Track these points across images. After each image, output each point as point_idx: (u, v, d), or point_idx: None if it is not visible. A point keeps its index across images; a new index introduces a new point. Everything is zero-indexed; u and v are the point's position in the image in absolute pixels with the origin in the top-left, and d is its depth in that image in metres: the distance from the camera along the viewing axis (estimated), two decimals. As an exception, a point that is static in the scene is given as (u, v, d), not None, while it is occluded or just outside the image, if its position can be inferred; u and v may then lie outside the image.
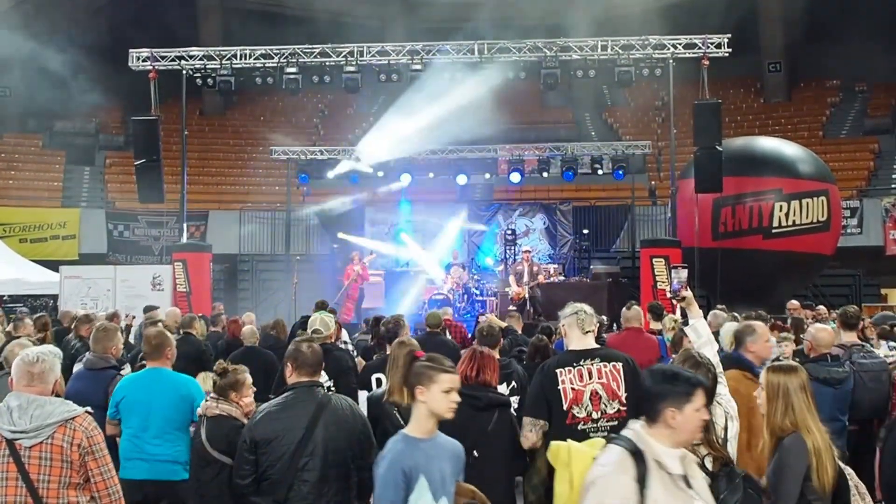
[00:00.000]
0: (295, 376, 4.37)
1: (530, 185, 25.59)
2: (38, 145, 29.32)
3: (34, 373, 3.84)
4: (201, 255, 17.00)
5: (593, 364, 4.57)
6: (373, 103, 31.62)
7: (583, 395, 4.49)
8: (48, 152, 29.08)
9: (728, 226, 17.63)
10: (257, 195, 27.00)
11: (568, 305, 4.85)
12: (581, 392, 4.50)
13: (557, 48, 16.78)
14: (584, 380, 4.53)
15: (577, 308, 4.76)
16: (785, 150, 18.56)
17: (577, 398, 4.49)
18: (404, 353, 5.21)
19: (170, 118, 20.85)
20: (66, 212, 25.68)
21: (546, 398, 4.53)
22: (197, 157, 28.18)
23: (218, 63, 17.10)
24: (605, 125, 31.77)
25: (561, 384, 4.52)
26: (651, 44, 16.49)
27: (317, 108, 32.44)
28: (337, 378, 6.35)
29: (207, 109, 32.39)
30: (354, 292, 19.13)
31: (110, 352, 6.12)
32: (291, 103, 29.57)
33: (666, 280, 15.54)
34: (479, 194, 25.88)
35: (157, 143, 16.82)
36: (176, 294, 16.04)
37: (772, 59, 31.49)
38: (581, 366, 4.56)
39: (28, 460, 3.71)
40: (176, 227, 21.09)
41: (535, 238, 23.40)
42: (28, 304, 18.30)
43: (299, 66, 17.11)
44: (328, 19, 29.17)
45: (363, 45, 17.21)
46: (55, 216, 25.28)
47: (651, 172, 27.00)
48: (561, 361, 4.68)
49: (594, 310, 4.94)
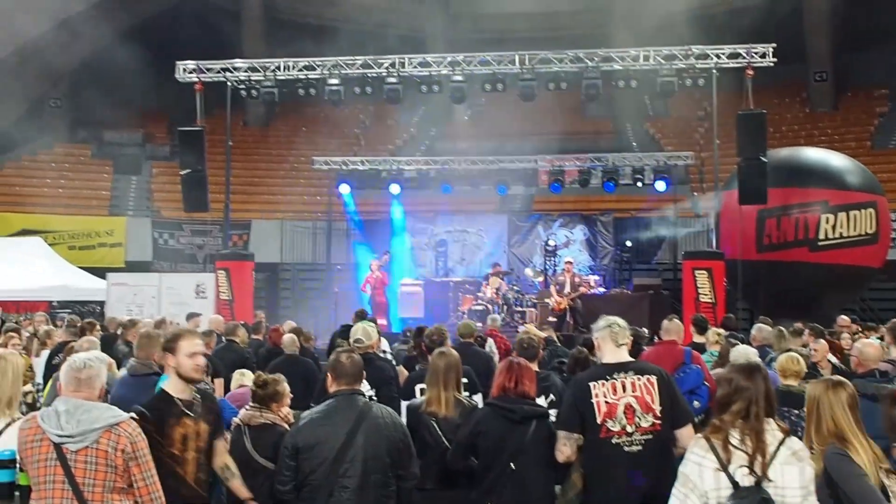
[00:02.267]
0: (335, 385, 4.44)
1: (570, 196, 25.49)
2: (87, 155, 29.88)
3: (81, 378, 3.92)
4: (244, 263, 17.19)
5: (627, 377, 4.52)
6: (414, 114, 31.77)
7: (616, 409, 4.45)
8: (96, 162, 29.61)
9: (773, 238, 17.41)
10: (299, 205, 27.24)
11: (601, 319, 4.81)
12: (615, 405, 4.46)
13: (599, 59, 16.70)
14: (617, 393, 4.49)
15: (611, 321, 4.72)
16: (832, 161, 18.29)
17: (610, 411, 4.45)
18: (443, 363, 5.24)
19: (214, 129, 21.13)
20: (113, 220, 26.16)
21: (579, 411, 4.51)
22: (240, 167, 28.49)
23: (262, 75, 17.31)
24: (647, 135, 31.54)
25: (594, 397, 4.48)
26: (694, 54, 16.35)
27: (358, 119, 32.64)
28: (379, 387, 6.37)
29: (251, 120, 32.78)
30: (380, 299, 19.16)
31: (153, 358, 6.21)
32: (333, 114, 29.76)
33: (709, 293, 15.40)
34: (519, 205, 25.85)
35: (202, 153, 17.05)
36: (219, 302, 16.23)
37: (818, 67, 31.05)
38: (614, 379, 4.52)
39: (74, 464, 3.77)
40: (219, 235, 21.39)
41: (575, 249, 23.27)
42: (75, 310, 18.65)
43: (341, 78, 17.22)
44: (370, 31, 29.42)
45: (405, 56, 17.29)
46: (103, 224, 25.76)
47: (694, 183, 26.75)
48: (594, 374, 4.65)
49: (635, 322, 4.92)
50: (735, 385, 3.61)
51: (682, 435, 4.48)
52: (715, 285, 15.45)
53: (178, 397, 4.38)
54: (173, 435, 4.28)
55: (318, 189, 26.58)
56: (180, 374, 4.43)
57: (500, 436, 4.69)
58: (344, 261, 23.29)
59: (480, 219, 24.49)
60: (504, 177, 21.99)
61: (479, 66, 17.09)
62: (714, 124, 17.98)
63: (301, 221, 25.66)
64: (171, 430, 4.28)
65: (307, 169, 25.56)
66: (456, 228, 24.13)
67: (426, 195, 23.10)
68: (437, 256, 23.19)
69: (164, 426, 4.26)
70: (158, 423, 4.22)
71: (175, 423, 4.31)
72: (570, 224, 23.95)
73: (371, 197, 24.21)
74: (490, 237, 24.22)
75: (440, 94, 17.72)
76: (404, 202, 23.27)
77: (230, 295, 16.35)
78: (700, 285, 15.57)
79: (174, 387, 4.43)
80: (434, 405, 5.13)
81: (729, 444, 3.45)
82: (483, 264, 23.09)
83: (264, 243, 24.39)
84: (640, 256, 23.68)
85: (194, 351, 4.47)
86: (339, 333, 9.90)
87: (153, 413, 4.25)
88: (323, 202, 24.49)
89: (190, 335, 4.64)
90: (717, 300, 15.38)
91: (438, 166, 21.85)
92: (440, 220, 24.24)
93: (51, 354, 9.13)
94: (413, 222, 24.19)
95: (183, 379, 4.44)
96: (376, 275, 19.20)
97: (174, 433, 4.29)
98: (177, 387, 4.43)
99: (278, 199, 27.81)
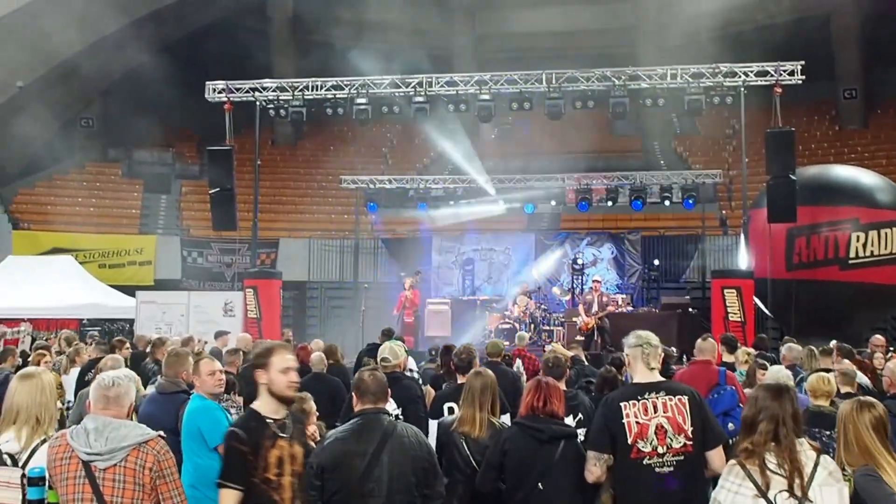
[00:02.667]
0: (360, 404, 4.42)
1: (598, 214, 25.42)
2: (118, 174, 30.20)
3: (110, 396, 3.94)
4: (272, 281, 17.26)
5: (658, 397, 4.46)
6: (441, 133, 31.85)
7: (648, 430, 4.40)
8: (127, 181, 29.92)
9: (802, 256, 17.22)
10: (326, 223, 27.38)
11: (632, 334, 4.73)
12: (646, 426, 4.41)
13: (626, 77, 16.68)
14: (648, 413, 4.43)
15: (643, 340, 4.63)
16: (862, 179, 18.08)
17: (641, 432, 4.40)
18: (479, 384, 5.22)
19: (243, 148, 21.33)
20: (142, 238, 26.42)
21: (610, 432, 4.45)
22: (268, 185, 28.73)
23: (290, 94, 17.43)
24: (675, 154, 31.40)
25: (625, 418, 4.43)
26: (722, 72, 16.27)
27: (385, 138, 32.81)
28: (405, 406, 6.34)
29: (279, 139, 33.04)
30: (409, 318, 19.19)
31: (181, 376, 6.24)
32: (361, 133, 29.96)
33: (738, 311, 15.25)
34: (546, 223, 25.79)
35: (231, 172, 17.19)
36: (247, 320, 16.30)
37: (847, 84, 30.76)
38: (645, 399, 4.46)
39: (102, 482, 3.78)
40: (247, 254, 21.52)
41: (602, 268, 23.17)
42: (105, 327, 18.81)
43: (369, 97, 17.33)
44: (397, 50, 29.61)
45: (432, 75, 17.37)
46: (133, 243, 26.01)
47: (722, 202, 26.57)
48: (625, 395, 4.59)
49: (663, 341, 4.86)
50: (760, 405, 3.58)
51: (714, 456, 4.42)
52: (744, 304, 15.31)
53: (270, 418, 4.07)
54: (269, 458, 3.97)
55: (345, 207, 26.70)
56: (273, 391, 4.10)
57: (527, 455, 4.65)
58: (371, 279, 23.35)
59: (507, 237, 24.46)
60: (531, 195, 21.97)
61: (506, 85, 17.12)
62: (742, 142, 17.89)
63: (328, 240, 25.77)
64: (266, 453, 3.96)
65: (335, 187, 25.70)
66: (483, 247, 24.11)
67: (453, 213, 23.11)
68: (464, 275, 23.19)
69: (260, 449, 3.95)
70: (253, 446, 3.93)
71: (270, 446, 3.99)
72: (597, 242, 23.86)
73: (398, 215, 24.28)
74: (517, 256, 24.17)
75: (467, 113, 17.76)
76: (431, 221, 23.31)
77: (258, 313, 16.42)
78: (729, 304, 15.42)
79: (266, 406, 4.10)
80: (467, 425, 5.11)
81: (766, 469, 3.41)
82: (510, 283, 23.07)
83: (292, 262, 24.49)
84: (669, 275, 23.56)
85: (287, 366, 4.15)
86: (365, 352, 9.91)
87: (247, 434, 3.96)
88: (350, 220, 24.59)
89: (282, 350, 4.24)
90: (746, 319, 15.23)
91: (465, 185, 21.87)
92: (467, 238, 24.24)
93: (82, 372, 9.20)
94: (440, 241, 24.22)
95: (276, 397, 4.11)
96: (408, 294, 19.25)
97: (269, 456, 3.97)
98: (269, 406, 4.10)
99: (306, 218, 27.96)
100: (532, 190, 21.95)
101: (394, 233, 24.23)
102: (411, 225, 24.03)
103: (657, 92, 16.71)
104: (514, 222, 24.89)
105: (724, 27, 26.97)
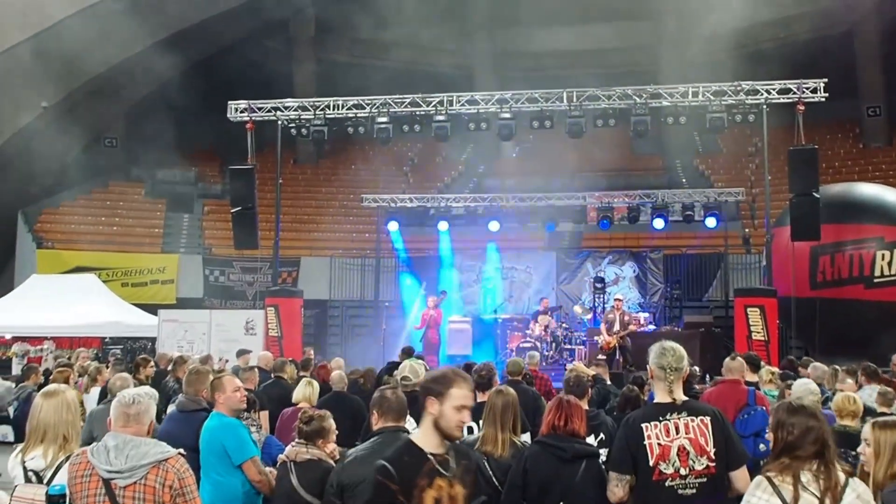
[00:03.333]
0: (381, 422, 4.41)
1: (620, 233, 25.34)
2: (141, 193, 30.47)
3: (130, 414, 3.95)
4: (293, 300, 17.30)
5: (680, 418, 4.40)
6: (462, 151, 31.93)
7: (670, 451, 4.34)
8: (150, 200, 30.17)
9: (827, 275, 17.06)
10: (348, 242, 27.46)
11: (658, 348, 4.57)
12: (668, 447, 4.35)
13: (647, 95, 16.64)
14: (670, 435, 4.37)
15: (666, 363, 4.48)
16: (886, 197, 17.92)
17: (663, 454, 4.34)
18: (501, 402, 5.19)
19: (265, 167, 21.44)
20: (165, 257, 26.60)
21: (631, 453, 4.40)
22: (290, 204, 28.87)
23: (312, 114, 17.53)
24: (697, 172, 31.28)
25: (647, 439, 4.37)
26: (744, 89, 16.21)
27: (406, 157, 32.92)
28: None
29: (301, 158, 33.22)
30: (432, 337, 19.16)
31: (202, 394, 6.26)
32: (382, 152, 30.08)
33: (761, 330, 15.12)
34: (567, 242, 25.74)
35: (253, 191, 17.29)
36: (268, 338, 16.34)
37: (871, 102, 30.53)
38: (667, 420, 4.41)
39: (122, 499, 3.80)
40: (269, 272, 21.61)
41: (624, 286, 23.08)
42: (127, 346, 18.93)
43: (390, 116, 17.39)
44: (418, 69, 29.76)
45: (452, 94, 17.42)
46: (155, 261, 26.20)
47: (745, 220, 26.42)
48: (647, 415, 4.53)
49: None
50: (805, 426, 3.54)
51: (737, 477, 4.36)
52: (768, 323, 15.17)
53: (430, 452, 3.57)
54: (423, 499, 3.48)
55: (366, 226, 26.78)
56: (441, 426, 3.58)
57: (549, 475, 4.62)
58: (392, 298, 23.37)
59: (528, 256, 24.42)
60: (552, 214, 21.94)
61: (526, 104, 17.14)
62: (765, 160, 17.79)
63: (350, 258, 25.84)
64: (420, 494, 3.47)
65: (356, 206, 25.78)
66: (504, 265, 24.09)
67: (474, 232, 23.12)
68: (485, 293, 23.16)
69: (413, 488, 3.47)
70: (405, 484, 3.46)
71: (427, 485, 3.49)
72: (619, 261, 23.77)
73: (419, 234, 24.32)
74: (538, 274, 24.12)
75: (488, 132, 17.79)
76: (452, 239, 23.32)
77: (279, 331, 16.45)
78: (752, 323, 15.28)
79: (427, 439, 3.59)
80: (490, 444, 5.07)
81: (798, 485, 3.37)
82: (531, 301, 23.01)
83: (313, 280, 24.59)
84: (691, 293, 23.43)
85: (464, 404, 3.61)
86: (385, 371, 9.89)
87: (399, 470, 3.48)
88: (371, 239, 24.65)
89: (463, 383, 3.65)
90: (769, 338, 15.09)
91: (486, 203, 21.89)
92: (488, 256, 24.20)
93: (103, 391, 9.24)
94: (461, 259, 24.22)
95: (441, 433, 3.59)
96: (431, 312, 19.26)
97: (425, 497, 3.48)
98: (431, 440, 3.59)
99: (327, 237, 28.07)
100: (553, 208, 21.89)
101: (415, 251, 24.24)
102: (432, 243, 24.04)
103: (679, 110, 16.65)
104: (534, 241, 24.85)
105: (745, 44, 26.92)
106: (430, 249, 24.38)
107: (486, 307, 22.75)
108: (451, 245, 23.59)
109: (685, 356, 4.57)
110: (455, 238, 23.46)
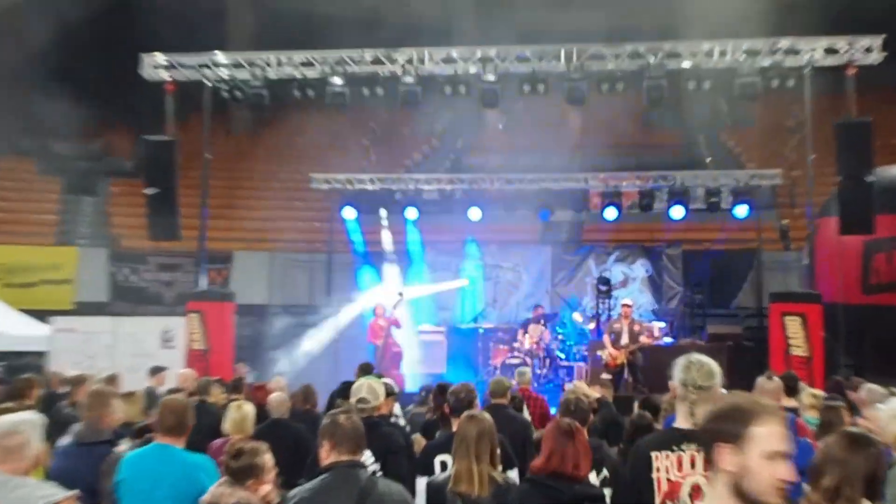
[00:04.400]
0: (333, 455, 4.37)
1: (629, 224, 25.39)
2: (31, 171, 30.17)
3: (8, 447, 3.85)
4: (223, 304, 17.27)
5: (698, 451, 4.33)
6: (436, 121, 31.90)
7: (680, 489, 4.34)
8: (41, 179, 29.88)
9: (882, 276, 17.24)
10: (293, 233, 27.33)
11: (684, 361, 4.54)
12: (678, 484, 4.34)
13: (664, 54, 16.69)
14: (683, 469, 4.36)
15: (689, 379, 4.46)
16: (956, 181, 18.14)
17: (672, 492, 4.34)
18: (475, 430, 5.16)
19: (189, 138, 21.28)
20: (59, 251, 26.34)
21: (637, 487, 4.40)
22: (221, 185, 28.69)
23: (249, 72, 17.43)
24: (724, 149, 31.49)
25: (655, 472, 4.37)
26: (782, 48, 16.32)
27: (367, 127, 32.83)
28: (385, 459, 6.30)
29: (235, 129, 33.06)
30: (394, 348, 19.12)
31: (105, 422, 6.17)
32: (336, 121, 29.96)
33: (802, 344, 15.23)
34: (565, 234, 25.82)
35: (173, 168, 17.16)
36: (190, 353, 16.28)
37: (938, 65, 30.85)
38: (682, 451, 4.40)
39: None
40: (193, 270, 21.47)
41: (634, 289, 23.21)
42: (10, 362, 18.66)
43: (347, 77, 17.30)
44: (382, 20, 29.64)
45: (424, 49, 17.33)
46: (47, 256, 25.92)
47: (783, 209, 26.59)
48: (659, 442, 4.52)
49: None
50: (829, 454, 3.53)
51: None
52: (810, 335, 15.28)
53: None
54: None
55: (316, 214, 26.72)
56: (745, 492, 2.82)
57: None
58: (348, 302, 23.30)
59: (517, 251, 24.45)
60: (547, 199, 21.95)
61: (515, 63, 17.14)
62: (808, 136, 17.89)
63: (295, 254, 25.75)
64: None
65: (303, 188, 25.68)
66: (487, 263, 24.09)
67: (450, 221, 23.10)
68: (464, 298, 23.18)
69: None
70: None
71: None
72: (628, 258, 23.89)
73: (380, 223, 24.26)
74: (529, 274, 24.17)
75: (468, 97, 17.75)
76: (423, 230, 23.29)
77: (205, 344, 16.41)
78: (791, 335, 15.41)
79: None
80: (464, 483, 5.05)
81: None
82: (520, 307, 23.06)
83: (249, 280, 24.52)
84: (716, 298, 23.58)
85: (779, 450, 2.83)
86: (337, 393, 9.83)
87: None
88: (322, 229, 24.58)
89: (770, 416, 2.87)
90: (812, 354, 15.21)
91: (466, 186, 21.86)
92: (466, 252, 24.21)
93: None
94: (434, 255, 24.20)
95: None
96: (380, 322, 19.17)
97: None
98: None
99: (267, 226, 27.94)
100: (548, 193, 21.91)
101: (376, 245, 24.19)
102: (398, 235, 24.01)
103: (702, 73, 16.77)
104: (525, 232, 24.89)
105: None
106: (395, 243, 24.32)
107: (464, 314, 22.77)
108: (420, 238, 23.56)
109: (717, 373, 4.53)
110: (426, 229, 23.46)
